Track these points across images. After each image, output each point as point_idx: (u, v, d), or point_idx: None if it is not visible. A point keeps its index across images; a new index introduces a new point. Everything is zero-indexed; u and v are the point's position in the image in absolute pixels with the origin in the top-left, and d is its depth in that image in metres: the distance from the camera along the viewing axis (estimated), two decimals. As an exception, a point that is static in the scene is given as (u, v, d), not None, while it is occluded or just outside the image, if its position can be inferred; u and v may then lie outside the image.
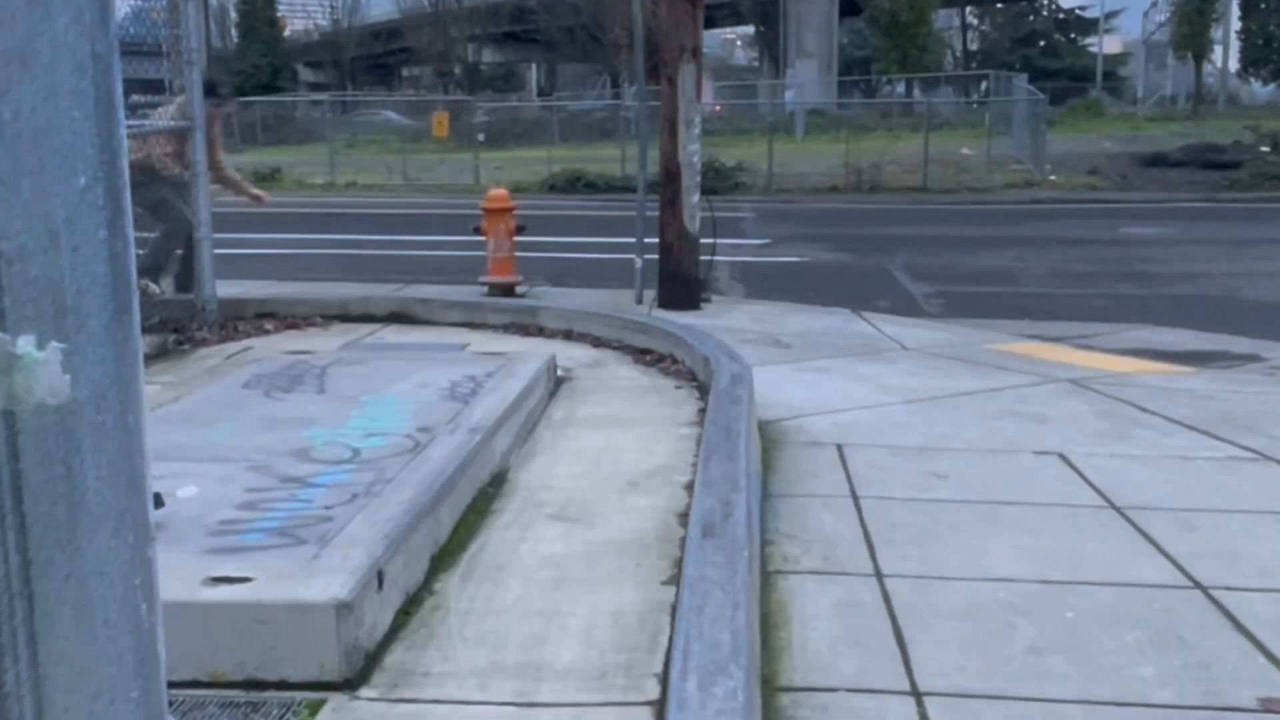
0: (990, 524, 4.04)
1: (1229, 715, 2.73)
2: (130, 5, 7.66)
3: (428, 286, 9.06)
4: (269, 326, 7.55)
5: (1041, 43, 58.23)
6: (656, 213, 8.84)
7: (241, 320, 7.55)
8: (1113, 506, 4.23)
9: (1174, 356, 7.29)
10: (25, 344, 0.57)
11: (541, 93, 60.00)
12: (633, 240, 9.03)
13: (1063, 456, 4.87)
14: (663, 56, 8.69)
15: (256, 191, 9.24)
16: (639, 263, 8.95)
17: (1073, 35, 61.46)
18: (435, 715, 2.64)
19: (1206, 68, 47.89)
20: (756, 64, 57.79)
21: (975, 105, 36.08)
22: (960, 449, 5.01)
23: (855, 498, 4.33)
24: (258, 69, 49.39)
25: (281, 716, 2.64)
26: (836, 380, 6.43)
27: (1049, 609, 3.32)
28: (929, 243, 14.95)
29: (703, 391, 5.63)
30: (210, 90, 8.02)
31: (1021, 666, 2.97)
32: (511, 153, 30.12)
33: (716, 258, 9.71)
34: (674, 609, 3.08)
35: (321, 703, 2.69)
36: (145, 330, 4.14)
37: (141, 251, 7.71)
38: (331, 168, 27.24)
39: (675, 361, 6.52)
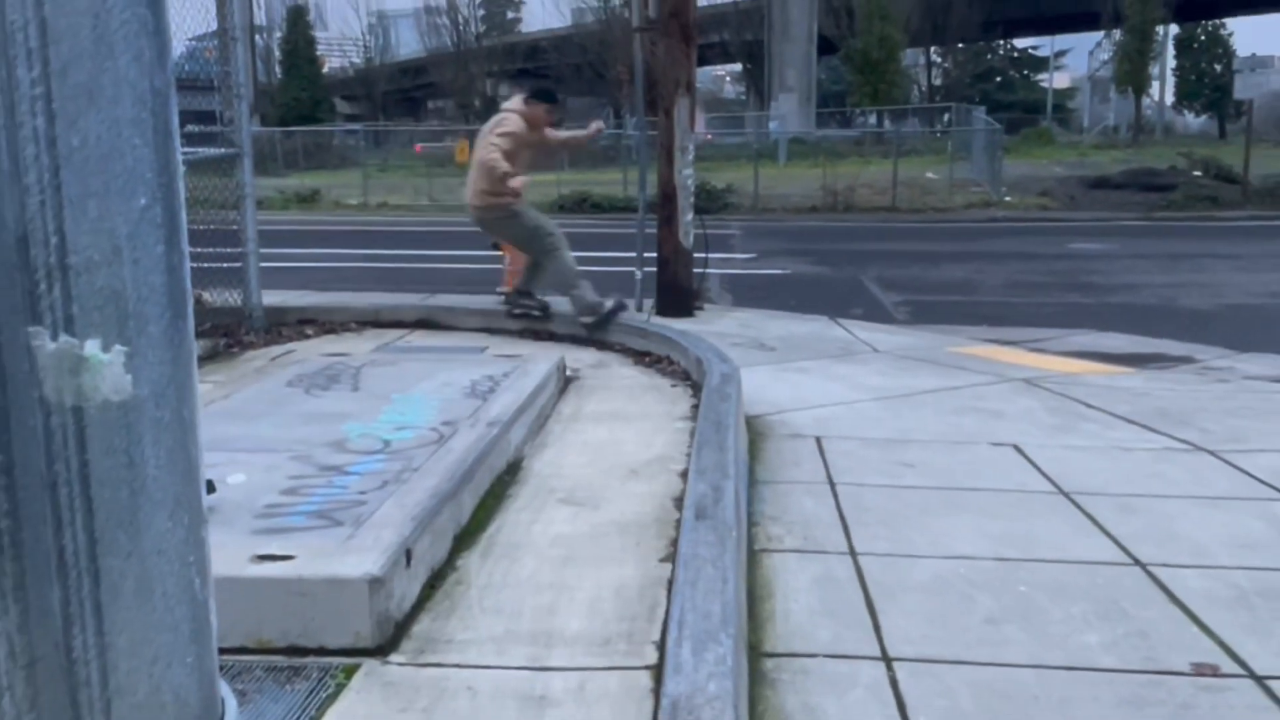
0: (952, 508, 4.05)
1: (1165, 679, 2.73)
2: (185, 45, 7.66)
3: (451, 296, 9.05)
4: (309, 331, 7.56)
5: (998, 78, 58.31)
6: (655, 230, 8.85)
7: (285, 326, 7.55)
8: (1061, 492, 4.23)
9: (1116, 358, 7.30)
10: (92, 347, 0.57)
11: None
12: (633, 254, 9.03)
13: (1017, 447, 4.88)
14: (660, 91, 8.69)
15: (591, 127, 8.99)
16: (639, 275, 8.96)
17: (1026, 72, 61.56)
18: (457, 678, 2.64)
19: (1145, 101, 47.99)
20: (744, 97, 57.78)
21: (939, 134, 36.04)
22: (925, 440, 5.01)
23: (832, 484, 4.33)
24: (299, 101, 49.40)
25: (320, 679, 2.65)
26: (815, 379, 6.44)
27: (1004, 583, 3.32)
28: (897, 257, 14.96)
29: (696, 389, 5.63)
30: (548, 96, 7.74)
31: (980, 635, 2.98)
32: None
33: (708, 270, 9.72)
34: (670, 583, 3.08)
35: (356, 667, 2.70)
36: (198, 334, 4.12)
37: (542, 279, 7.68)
38: (365, 190, 27.25)
39: (671, 363, 6.53)
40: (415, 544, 3.10)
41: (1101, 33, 51.83)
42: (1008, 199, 24.19)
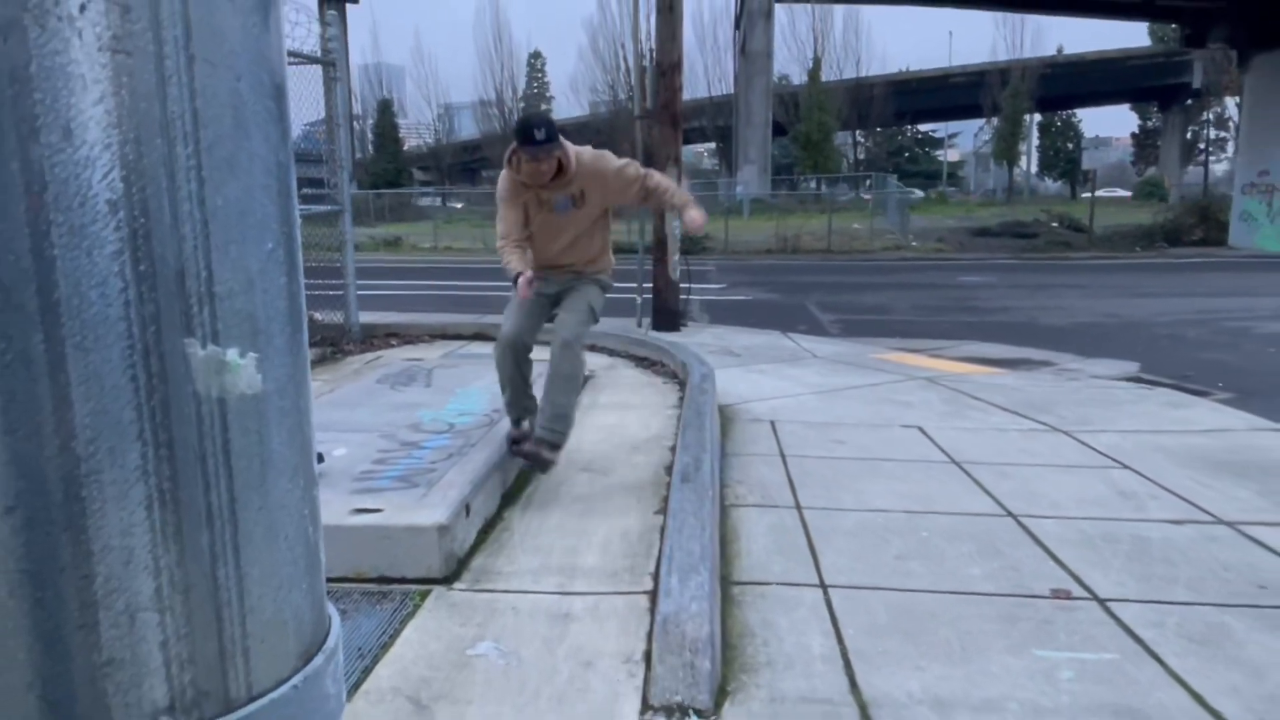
0: (872, 474, 4.05)
1: (1031, 601, 2.73)
2: (302, 128, 7.65)
3: (499, 316, 9.05)
4: (393, 342, 7.55)
5: (906, 154, 58.31)
6: (651, 267, 8.86)
7: (375, 338, 7.55)
8: (953, 462, 4.24)
9: (994, 362, 7.30)
10: (232, 354, 0.57)
11: (574, 187, 59.79)
12: (635, 285, 9.04)
13: (920, 429, 4.88)
14: (655, 163, 8.70)
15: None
16: (639, 300, 8.97)
17: (927, 149, 61.61)
18: (504, 601, 2.64)
19: (1016, 170, 48.03)
20: (717, 168, 57.77)
21: (862, 195, 35.99)
22: (852, 424, 5.01)
23: (783, 456, 4.33)
24: (385, 171, 49.48)
25: (402, 601, 2.65)
26: (770, 378, 6.44)
27: (911, 530, 3.33)
28: (832, 287, 14.96)
29: (682, 385, 5.63)
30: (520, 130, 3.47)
31: (892, 568, 2.98)
32: (554, 227, 30.07)
33: (691, 296, 9.71)
34: (662, 530, 3.08)
35: (428, 592, 2.70)
36: (311, 344, 4.05)
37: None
38: (435, 237, 27.24)
39: (664, 366, 6.53)
40: (473, 501, 3.10)
41: (983, 120, 51.96)
42: (914, 244, 24.19)
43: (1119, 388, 6.17)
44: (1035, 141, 53.34)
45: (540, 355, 3.90)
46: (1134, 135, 59.32)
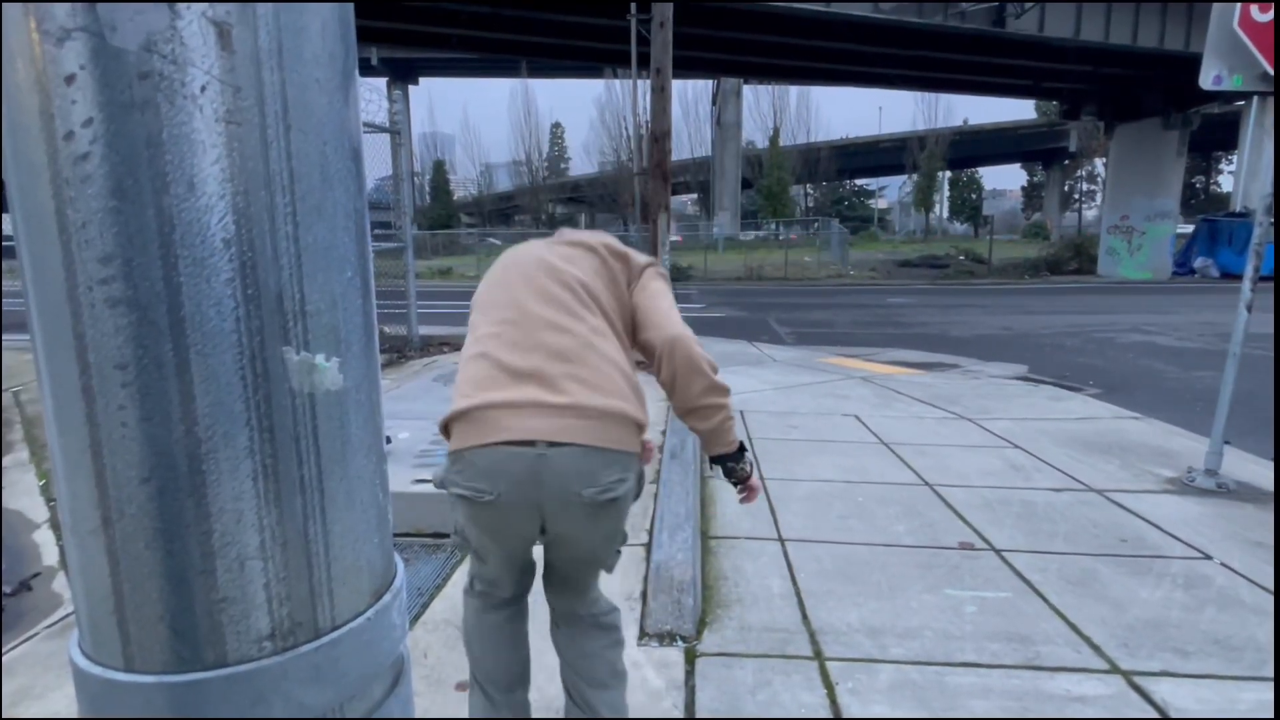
0: (819, 451, 4.05)
1: (942, 551, 2.73)
2: (374, 182, 7.65)
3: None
4: (445, 349, 7.54)
5: (845, 202, 58.31)
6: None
7: (431, 346, 7.54)
8: (883, 443, 4.24)
9: (914, 365, 7.31)
10: (320, 359, 0.57)
11: (587, 228, 59.79)
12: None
13: (857, 417, 4.88)
14: (649, 210, 8.71)
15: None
16: (637, 316, 8.96)
17: (861, 198, 61.66)
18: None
19: (931, 215, 48.16)
20: (699, 213, 57.76)
21: (811, 234, 35.96)
22: (804, 413, 5.01)
23: (750, 438, 4.33)
24: (439, 216, 49.47)
25: (451, 553, 2.64)
26: (741, 377, 6.44)
27: (850, 496, 3.33)
28: (788, 306, 14.96)
29: (670, 383, 5.62)
30: None
31: (836, 526, 2.98)
32: (571, 259, 29.98)
33: (678, 314, 9.70)
34: (655, 496, 3.08)
35: (472, 545, 2.69)
36: (381, 351, 4.06)
37: None
38: (478, 267, 27.20)
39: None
40: (507, 473, 3.09)
41: (906, 175, 52.09)
42: (851, 273, 24.21)
43: (1011, 385, 6.17)
44: (946, 193, 53.42)
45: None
46: (1023, 188, 59.49)
